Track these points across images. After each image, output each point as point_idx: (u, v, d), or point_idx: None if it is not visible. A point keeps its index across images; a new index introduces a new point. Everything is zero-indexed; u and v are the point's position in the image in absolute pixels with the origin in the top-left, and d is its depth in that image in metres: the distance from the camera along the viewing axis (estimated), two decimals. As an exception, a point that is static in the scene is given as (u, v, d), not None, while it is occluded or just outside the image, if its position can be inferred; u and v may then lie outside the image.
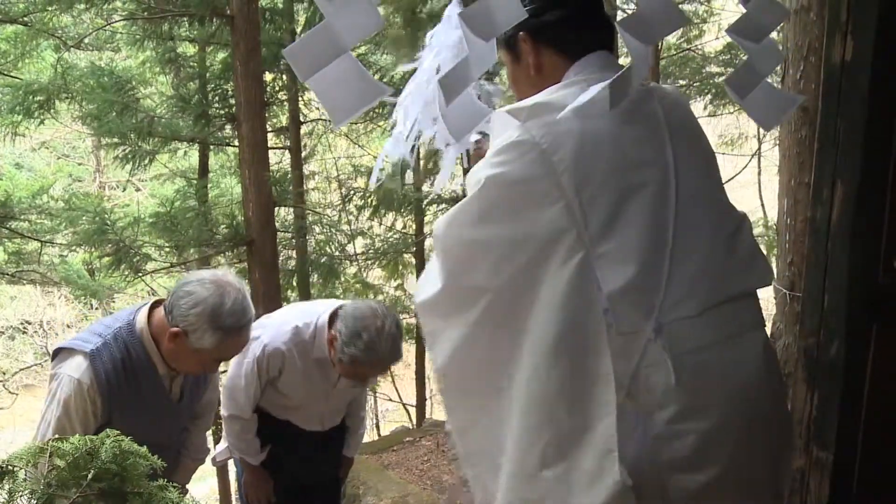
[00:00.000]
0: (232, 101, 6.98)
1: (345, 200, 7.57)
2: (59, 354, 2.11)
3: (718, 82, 7.73)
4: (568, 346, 1.40)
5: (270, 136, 7.25)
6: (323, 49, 1.30)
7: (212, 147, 7.84)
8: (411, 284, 8.34)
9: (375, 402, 9.69)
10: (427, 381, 8.34)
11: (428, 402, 8.81)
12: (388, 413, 10.59)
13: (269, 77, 7.07)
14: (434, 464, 4.72)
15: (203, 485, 8.65)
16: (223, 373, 3.16)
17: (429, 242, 8.48)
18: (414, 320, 8.19)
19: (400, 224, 8.15)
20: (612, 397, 1.38)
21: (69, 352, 2.08)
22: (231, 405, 2.55)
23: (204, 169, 7.99)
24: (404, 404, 9.28)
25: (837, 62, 1.81)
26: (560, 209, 1.40)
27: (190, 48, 7.63)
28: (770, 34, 1.58)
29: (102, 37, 7.75)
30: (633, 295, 1.40)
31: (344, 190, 7.95)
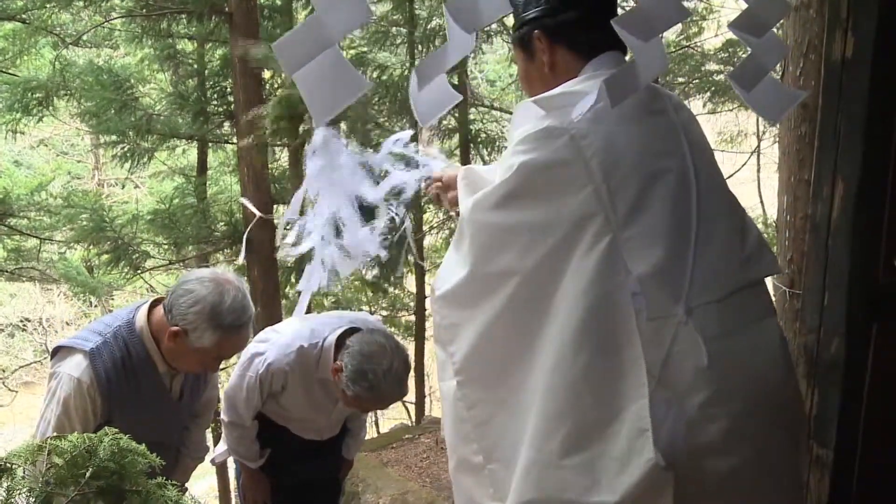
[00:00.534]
0: (230, 98, 6.96)
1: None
2: (58, 353, 2.10)
3: (717, 80, 7.72)
4: (595, 330, 1.40)
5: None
6: (311, 43, 1.30)
7: (210, 144, 7.83)
8: (410, 283, 8.33)
9: (375, 399, 9.65)
10: (426, 378, 8.34)
11: (427, 400, 8.80)
12: (388, 410, 10.56)
13: (267, 74, 7.05)
14: (433, 461, 4.72)
15: (203, 483, 8.65)
16: (223, 370, 3.16)
17: (428, 240, 8.48)
18: (413, 318, 8.19)
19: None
20: (644, 380, 1.38)
21: (69, 350, 2.08)
22: (231, 413, 2.54)
23: (202, 166, 7.97)
24: (403, 401, 9.27)
25: (838, 59, 1.81)
26: (589, 193, 1.42)
27: (188, 45, 7.61)
28: (771, 28, 1.58)
29: (101, 34, 7.72)
30: (662, 278, 1.41)
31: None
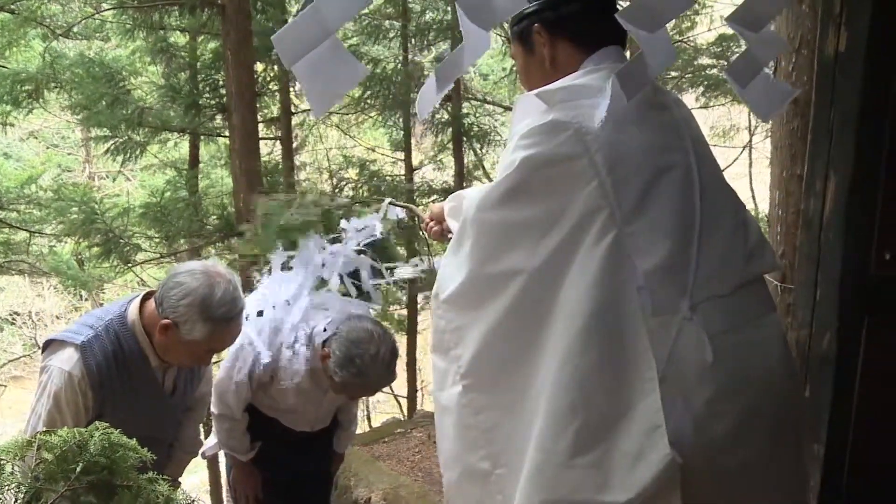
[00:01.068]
0: (223, 91, 6.94)
1: (336, 191, 7.55)
2: (49, 346, 2.09)
3: (710, 74, 7.73)
4: (603, 326, 1.39)
5: (261, 126, 7.21)
6: (310, 33, 1.29)
7: (202, 137, 7.80)
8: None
9: (367, 393, 9.66)
10: (418, 372, 8.34)
11: (419, 394, 8.81)
12: (379, 404, 10.57)
13: (260, 67, 7.02)
14: (425, 455, 4.71)
15: (194, 477, 8.63)
16: (216, 363, 3.14)
17: (422, 235, 8.47)
18: (405, 311, 8.19)
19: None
20: (654, 374, 1.37)
21: (60, 344, 2.06)
22: (221, 405, 2.53)
23: (194, 159, 7.94)
24: (395, 396, 9.27)
25: (831, 54, 1.81)
26: (594, 188, 1.41)
27: (181, 38, 7.56)
28: (769, 23, 1.57)
29: (92, 26, 7.67)
30: (666, 273, 1.41)
31: (335, 180, 7.92)
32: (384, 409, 10.32)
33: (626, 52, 1.60)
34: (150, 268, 8.72)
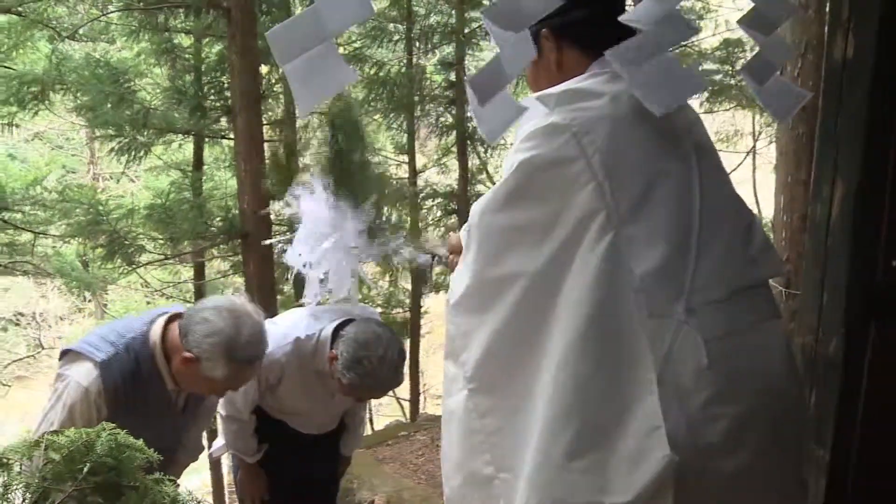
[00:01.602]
0: (227, 93, 6.93)
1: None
2: (66, 355, 2.09)
3: (715, 79, 7.73)
4: (601, 328, 1.39)
5: (266, 128, 7.21)
6: (307, 34, 1.28)
7: (207, 139, 7.81)
8: (406, 280, 8.33)
9: (369, 396, 9.66)
10: (421, 375, 8.34)
11: (422, 397, 8.81)
12: (382, 407, 10.58)
13: (264, 69, 7.03)
14: (428, 458, 4.72)
15: (196, 478, 8.63)
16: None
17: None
18: (409, 315, 8.20)
19: (395, 218, 8.13)
20: (653, 375, 1.37)
21: (78, 355, 2.07)
22: (229, 407, 2.54)
23: (199, 161, 7.95)
24: (398, 398, 9.27)
25: (839, 60, 1.80)
26: (591, 190, 1.41)
27: (186, 40, 7.58)
28: (779, 27, 1.58)
29: (97, 28, 7.68)
30: (662, 277, 1.41)
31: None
32: (387, 413, 10.32)
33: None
34: (155, 269, 8.73)
